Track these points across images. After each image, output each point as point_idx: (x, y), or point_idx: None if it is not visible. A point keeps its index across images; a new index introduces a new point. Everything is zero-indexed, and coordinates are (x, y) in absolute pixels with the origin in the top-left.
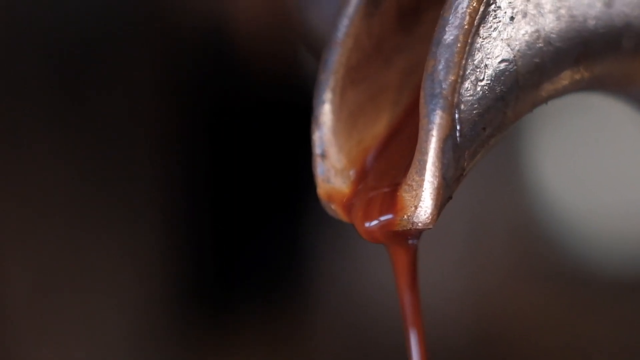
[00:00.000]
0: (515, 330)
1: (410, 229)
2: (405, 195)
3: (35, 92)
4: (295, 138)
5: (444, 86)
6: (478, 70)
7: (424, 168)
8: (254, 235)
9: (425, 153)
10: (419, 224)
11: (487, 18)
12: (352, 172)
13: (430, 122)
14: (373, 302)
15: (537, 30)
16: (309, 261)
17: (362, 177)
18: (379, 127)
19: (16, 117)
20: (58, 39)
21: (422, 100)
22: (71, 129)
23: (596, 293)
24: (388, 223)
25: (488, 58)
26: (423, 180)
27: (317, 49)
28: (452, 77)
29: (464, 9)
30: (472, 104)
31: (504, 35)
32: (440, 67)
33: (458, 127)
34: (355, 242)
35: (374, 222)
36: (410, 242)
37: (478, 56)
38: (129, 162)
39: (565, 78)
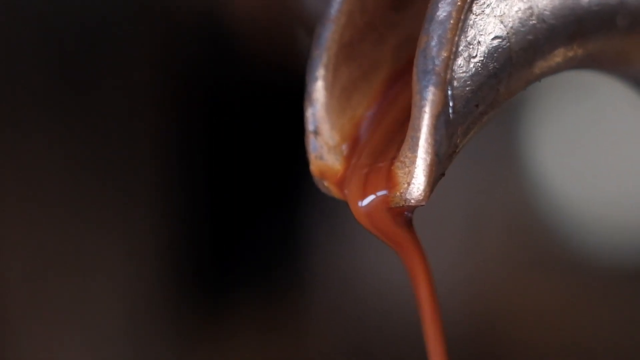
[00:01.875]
0: (514, 320)
1: (403, 205)
2: (398, 172)
3: (34, 85)
4: (293, 125)
5: (436, 63)
6: (471, 47)
7: (416, 145)
8: (251, 224)
9: (418, 130)
10: (412, 201)
11: None
12: (344, 147)
13: (422, 98)
14: (371, 291)
15: (531, 7)
16: (307, 250)
17: (355, 153)
18: (372, 103)
19: (14, 111)
20: (57, 32)
21: (414, 77)
22: (69, 122)
23: (596, 283)
24: (381, 200)
25: (481, 35)
26: (416, 157)
27: (313, 30)
28: (444, 54)
29: None
30: (465, 81)
31: (497, 12)
32: (433, 43)
33: (451, 104)
34: (353, 232)
35: (368, 199)
36: (403, 222)
37: (471, 33)
38: (127, 153)
39: (559, 55)
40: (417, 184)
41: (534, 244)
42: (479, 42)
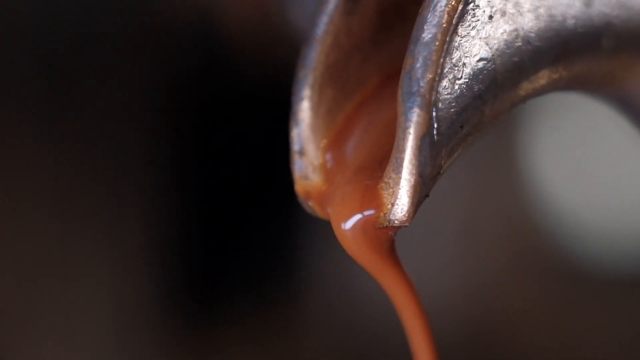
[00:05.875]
0: (508, 326)
1: (387, 226)
2: (382, 192)
3: (24, 84)
4: (284, 134)
5: (421, 84)
6: (456, 68)
7: (400, 166)
8: (243, 232)
9: (403, 151)
10: (396, 222)
11: (466, 17)
12: (329, 165)
13: (407, 120)
14: (364, 298)
15: (516, 29)
16: (300, 256)
17: (339, 171)
18: (356, 121)
19: (4, 110)
20: (48, 31)
21: (399, 98)
22: (60, 122)
23: (590, 289)
24: (365, 220)
25: (466, 57)
26: (400, 178)
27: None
28: (429, 76)
29: (443, 8)
30: (450, 102)
31: (483, 34)
32: (418, 65)
33: (435, 125)
34: None
35: (352, 219)
36: (385, 243)
37: (456, 55)
38: (117, 156)
39: (544, 77)
40: (401, 204)
41: (529, 250)
42: (464, 64)
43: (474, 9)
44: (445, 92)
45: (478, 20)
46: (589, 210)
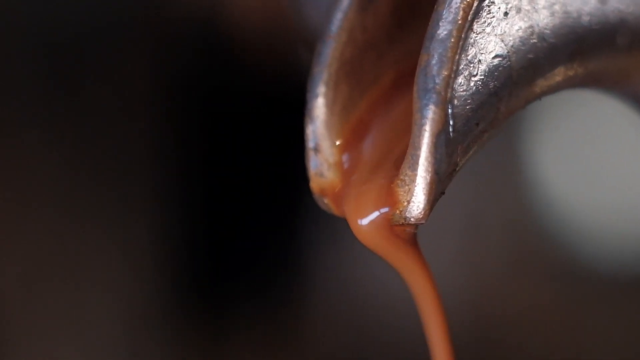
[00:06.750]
0: (512, 326)
1: (402, 224)
2: (398, 190)
3: (24, 84)
4: (291, 132)
5: (437, 81)
6: (471, 65)
7: (416, 163)
8: (249, 230)
9: (418, 148)
10: (412, 219)
11: (481, 13)
12: (344, 163)
13: (423, 117)
14: (371, 297)
15: (531, 26)
16: (306, 256)
17: (355, 169)
18: (371, 118)
19: (7, 109)
20: (51, 31)
21: (415, 95)
22: (63, 121)
23: (593, 289)
24: (382, 218)
25: (482, 53)
26: (416, 175)
27: (313, 43)
28: (445, 72)
29: (458, 4)
30: (466, 99)
31: (498, 31)
32: (434, 62)
33: (451, 122)
34: (353, 241)
35: (368, 217)
36: (404, 239)
37: (472, 51)
38: (122, 155)
39: (559, 74)
40: (417, 202)
41: (532, 251)
42: (479, 61)
43: (489, 6)
44: (461, 89)
45: (493, 16)
46: (592, 210)
